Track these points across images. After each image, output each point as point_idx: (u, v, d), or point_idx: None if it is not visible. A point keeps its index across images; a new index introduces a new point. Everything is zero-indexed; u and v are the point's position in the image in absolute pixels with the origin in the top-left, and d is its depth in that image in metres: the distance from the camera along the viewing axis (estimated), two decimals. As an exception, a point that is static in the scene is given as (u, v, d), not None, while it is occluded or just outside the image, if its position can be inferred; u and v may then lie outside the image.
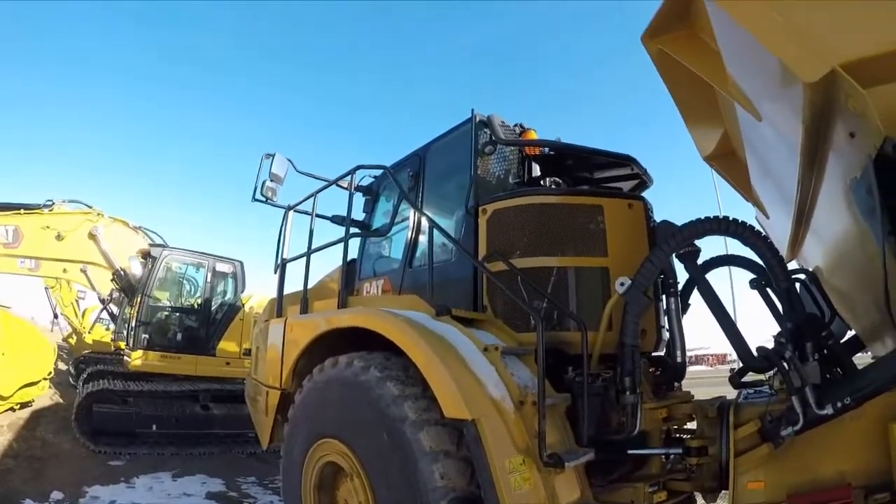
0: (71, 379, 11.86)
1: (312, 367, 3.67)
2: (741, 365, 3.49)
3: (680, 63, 3.07)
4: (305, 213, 4.72)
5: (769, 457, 2.99)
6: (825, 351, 3.21)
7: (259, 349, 5.02)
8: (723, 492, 3.19)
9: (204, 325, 9.47)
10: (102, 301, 11.73)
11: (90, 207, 10.58)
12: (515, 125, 4.24)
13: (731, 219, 3.35)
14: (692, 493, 3.47)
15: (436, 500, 2.61)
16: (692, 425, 3.55)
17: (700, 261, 3.68)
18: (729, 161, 4.76)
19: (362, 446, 3.09)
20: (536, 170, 4.34)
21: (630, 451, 3.31)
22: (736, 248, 4.00)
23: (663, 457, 3.48)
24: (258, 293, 10.09)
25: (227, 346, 9.44)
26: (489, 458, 2.57)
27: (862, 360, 3.44)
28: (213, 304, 9.66)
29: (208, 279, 9.65)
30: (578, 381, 3.17)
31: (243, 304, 9.88)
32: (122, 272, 10.08)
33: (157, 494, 5.72)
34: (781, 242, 4.14)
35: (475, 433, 2.61)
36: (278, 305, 4.77)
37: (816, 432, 2.88)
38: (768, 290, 3.48)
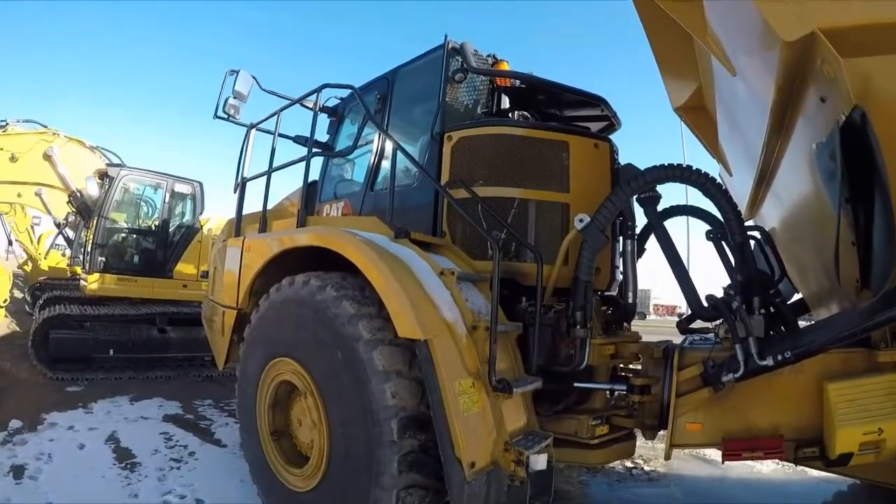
0: (27, 307, 11.64)
1: (269, 287, 3.66)
2: (690, 312, 3.58)
3: (662, 11, 3.03)
4: (268, 132, 4.59)
5: (709, 401, 3.13)
6: (771, 308, 3.33)
7: (216, 269, 4.97)
8: (662, 431, 3.31)
9: (161, 247, 9.23)
10: (58, 225, 11.36)
11: (45, 127, 10.09)
12: (489, 55, 4.17)
13: (694, 168, 3.38)
14: (633, 430, 3.61)
15: (386, 418, 2.67)
16: (638, 366, 3.66)
17: (660, 208, 3.73)
18: (699, 115, 4.80)
19: (316, 365, 3.12)
20: (506, 102, 4.30)
21: (576, 384, 3.40)
22: (696, 201, 4.08)
23: (608, 392, 3.61)
24: (217, 215, 9.86)
25: (184, 268, 9.26)
26: (440, 378, 2.62)
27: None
28: (170, 225, 9.39)
29: (166, 200, 9.32)
30: (531, 310, 3.25)
31: (202, 226, 9.62)
32: (78, 194, 9.70)
33: (115, 418, 5.72)
34: (741, 201, 4.24)
35: (427, 353, 2.66)
36: (237, 225, 4.70)
37: (755, 383, 3.02)
38: (723, 242, 3.55)
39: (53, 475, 4.11)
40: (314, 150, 4.26)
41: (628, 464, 5.12)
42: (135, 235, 9.40)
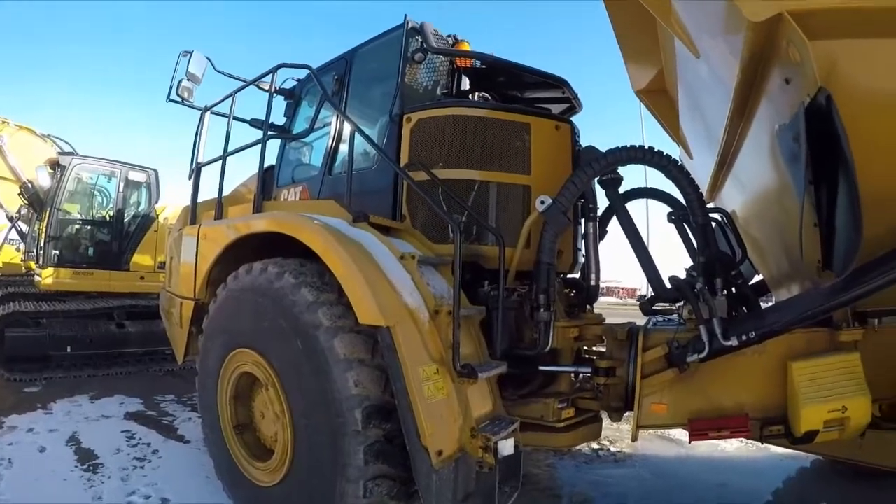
0: (-20, 306, 11.23)
1: (227, 275, 3.56)
2: (652, 294, 3.60)
3: None
4: (223, 115, 4.46)
5: (674, 382, 3.16)
6: (734, 289, 3.37)
7: (173, 259, 4.83)
8: (627, 412, 3.33)
9: (117, 238, 8.96)
10: (10, 219, 10.94)
11: None
12: (449, 36, 4.10)
13: (655, 150, 3.39)
14: (599, 412, 3.62)
15: (350, 407, 2.61)
16: (602, 348, 3.67)
17: (621, 190, 3.73)
18: (660, 98, 4.83)
19: (277, 355, 3.05)
20: (466, 83, 4.25)
21: (541, 367, 3.41)
22: (657, 184, 4.11)
23: (573, 375, 3.60)
24: (173, 203, 9.58)
25: (141, 259, 9.02)
26: (403, 365, 2.58)
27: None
28: (125, 215, 9.11)
29: (120, 189, 9.04)
30: (494, 294, 3.23)
31: (157, 215, 9.37)
32: (29, 184, 9.33)
33: (75, 418, 5.58)
34: (702, 184, 4.27)
35: (390, 340, 2.62)
36: (192, 213, 4.56)
37: (720, 363, 3.05)
38: (685, 225, 3.57)
39: (14, 480, 3.98)
40: (270, 133, 4.17)
41: (595, 446, 5.17)
42: (89, 227, 9.11)
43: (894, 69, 2.01)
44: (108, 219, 9.18)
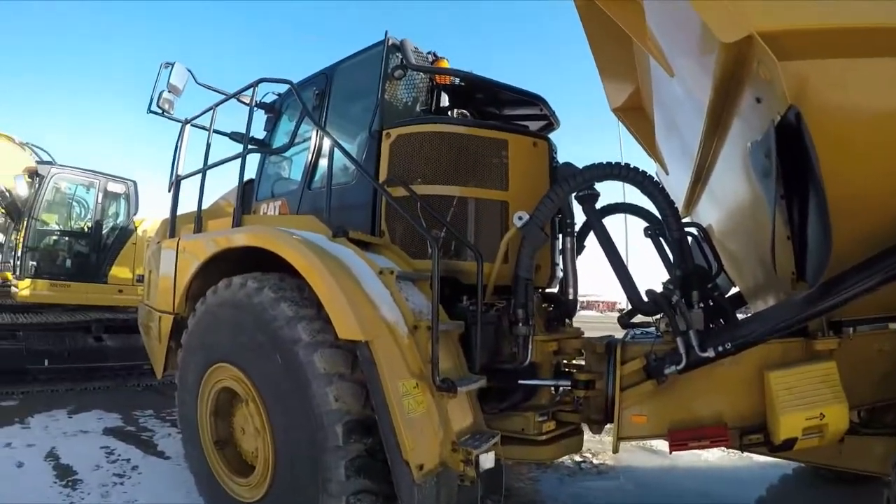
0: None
1: (206, 289, 3.54)
2: (630, 308, 3.63)
3: (602, 12, 3.07)
4: (203, 128, 4.47)
5: (653, 393, 3.17)
6: (710, 302, 3.40)
7: (151, 273, 4.79)
8: (608, 424, 3.35)
9: (95, 250, 8.88)
10: (-13, 229, 10.76)
11: None
12: (428, 53, 4.15)
13: (631, 166, 3.43)
14: (580, 424, 3.64)
15: (331, 422, 2.62)
16: (581, 361, 3.68)
17: (598, 206, 3.76)
18: (637, 115, 4.90)
19: (256, 370, 3.04)
20: (445, 100, 4.28)
21: (521, 381, 3.40)
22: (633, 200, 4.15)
23: (553, 388, 3.62)
24: (152, 215, 9.50)
25: (119, 272, 8.94)
26: (382, 380, 2.60)
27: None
28: (104, 227, 9.05)
29: (99, 200, 8.98)
30: (472, 309, 3.25)
31: (136, 227, 9.30)
32: (6, 193, 9.15)
33: (53, 433, 5.50)
34: (678, 199, 4.33)
35: (369, 355, 2.63)
36: (171, 226, 4.55)
37: (697, 374, 3.07)
38: (661, 239, 3.60)
39: (-8, 497, 3.91)
40: (250, 146, 4.18)
41: (577, 458, 5.20)
42: (67, 238, 9.02)
43: (862, 87, 2.06)
44: (86, 230, 9.09)
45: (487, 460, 2.70)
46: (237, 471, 3.33)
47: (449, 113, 4.31)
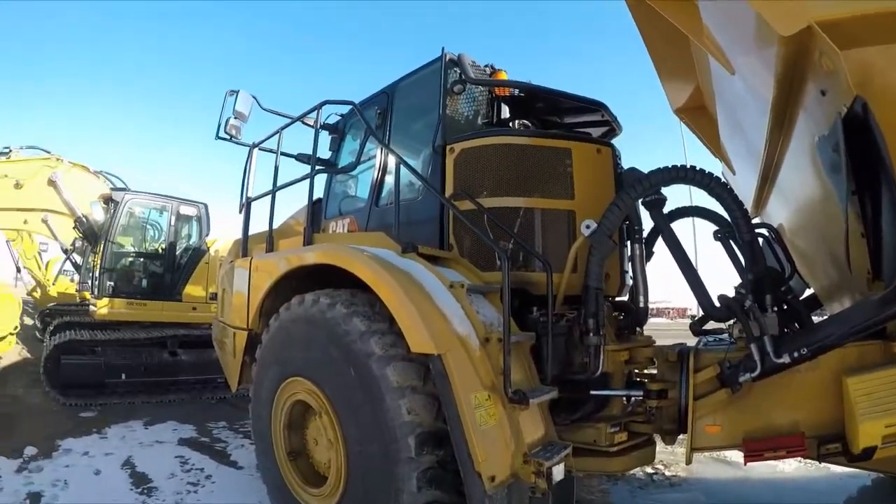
0: (37, 333, 11.71)
1: (278, 306, 3.65)
2: (702, 314, 3.53)
3: (656, 13, 3.04)
4: (270, 150, 4.64)
5: (727, 402, 3.09)
6: (784, 305, 3.29)
7: (225, 291, 4.97)
8: (681, 435, 3.28)
9: (169, 270, 9.30)
10: (65, 251, 11.37)
11: (48, 153, 10.11)
12: (486, 66, 4.17)
13: (697, 168, 3.36)
14: (652, 435, 3.58)
15: (403, 435, 2.64)
16: (653, 370, 3.63)
17: (666, 210, 3.71)
18: (699, 115, 4.81)
19: (330, 384, 3.10)
20: (506, 111, 4.29)
21: (592, 392, 3.38)
22: (700, 202, 4.06)
23: (624, 399, 3.57)
24: (224, 236, 9.91)
25: (193, 290, 9.31)
26: (455, 392, 2.60)
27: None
28: (177, 248, 9.46)
29: (172, 223, 9.42)
30: (543, 320, 3.24)
31: (208, 248, 9.69)
32: (83, 219, 9.74)
33: (130, 443, 5.75)
34: (746, 199, 4.21)
35: (441, 368, 2.64)
36: (243, 245, 4.72)
37: (773, 381, 2.98)
38: (731, 242, 3.52)
39: (70, 501, 4.11)
40: (317, 167, 4.28)
41: (649, 470, 5.08)
42: (142, 259, 9.47)
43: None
44: (160, 251, 9.54)
45: (559, 472, 2.67)
46: (310, 481, 3.39)
47: (511, 124, 4.34)
